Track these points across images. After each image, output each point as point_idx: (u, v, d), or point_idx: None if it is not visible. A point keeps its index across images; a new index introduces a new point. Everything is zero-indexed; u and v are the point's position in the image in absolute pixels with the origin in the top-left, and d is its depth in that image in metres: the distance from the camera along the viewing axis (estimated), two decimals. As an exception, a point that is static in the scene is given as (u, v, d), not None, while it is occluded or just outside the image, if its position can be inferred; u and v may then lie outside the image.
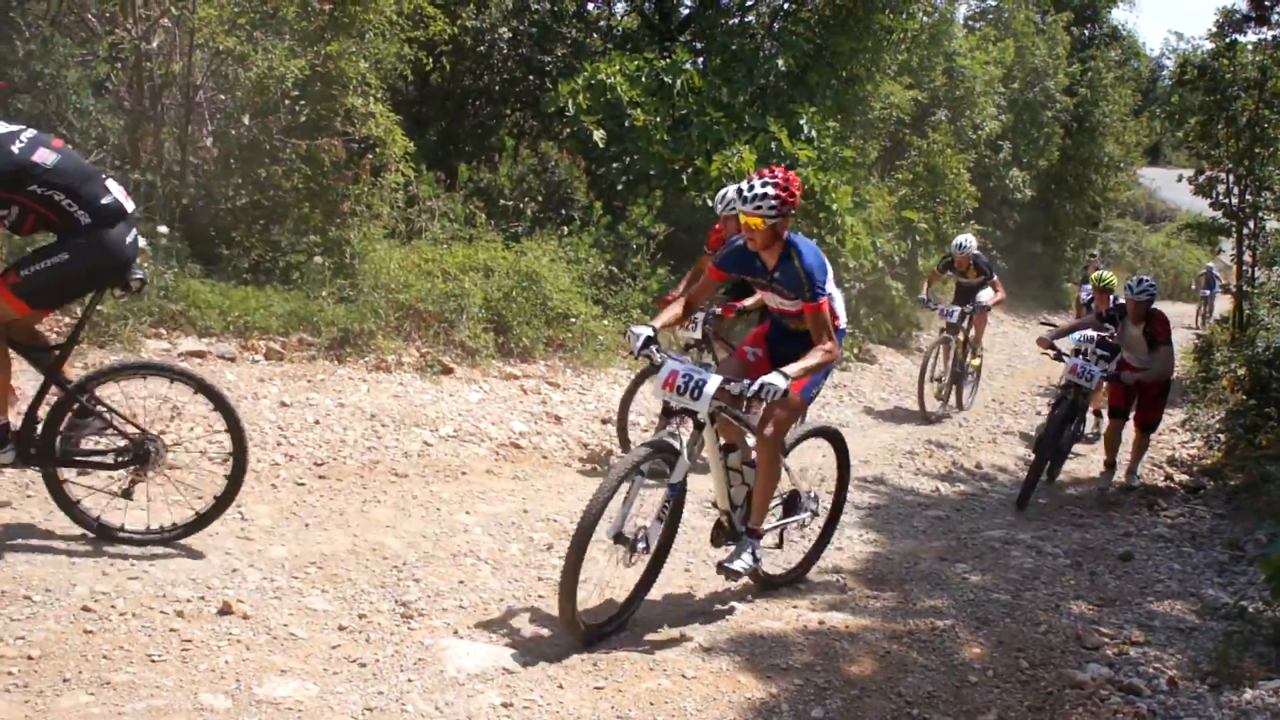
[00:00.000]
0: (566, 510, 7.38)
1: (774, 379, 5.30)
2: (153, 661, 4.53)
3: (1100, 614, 6.56)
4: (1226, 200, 16.30)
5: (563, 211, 13.06)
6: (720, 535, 6.12)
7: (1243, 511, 9.03)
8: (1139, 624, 6.37)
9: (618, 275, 12.73)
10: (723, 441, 5.94)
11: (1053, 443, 9.61)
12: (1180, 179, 18.21)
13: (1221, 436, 10.99)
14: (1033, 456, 9.83)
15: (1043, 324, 12.82)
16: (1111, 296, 11.82)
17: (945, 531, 8.29)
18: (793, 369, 5.45)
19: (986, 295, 13.18)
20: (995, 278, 13.29)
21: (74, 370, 5.85)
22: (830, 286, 5.86)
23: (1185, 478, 10.58)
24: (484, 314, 10.61)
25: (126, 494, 5.66)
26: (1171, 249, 36.41)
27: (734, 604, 6.15)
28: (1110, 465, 10.14)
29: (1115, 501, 9.71)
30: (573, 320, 11.34)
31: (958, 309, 12.94)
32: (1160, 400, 9.95)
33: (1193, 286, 30.13)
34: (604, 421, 9.72)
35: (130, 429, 5.66)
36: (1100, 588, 7.11)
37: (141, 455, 5.62)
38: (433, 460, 8.02)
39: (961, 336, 13.16)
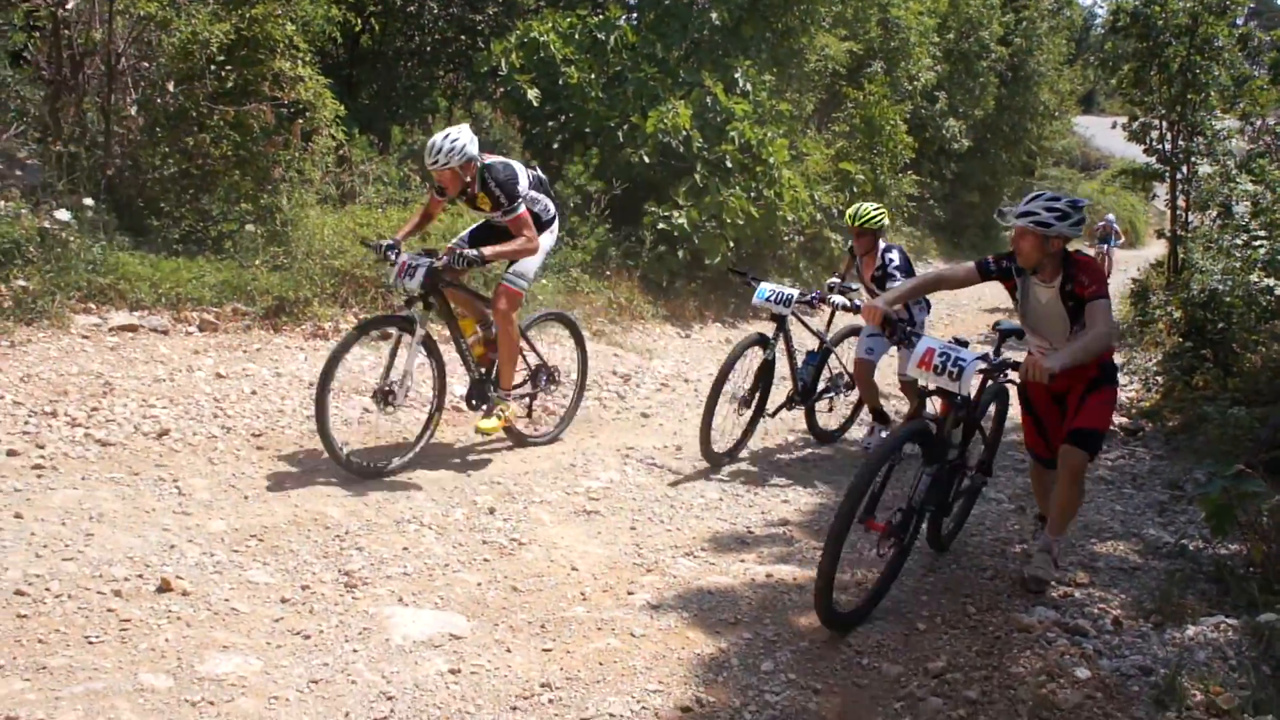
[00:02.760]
0: (510, 472, 7.32)
1: None
2: (90, 643, 4.44)
3: (1044, 558, 6.62)
4: (1160, 146, 16.46)
5: (499, 172, 12.91)
6: None
7: (1181, 452, 9.13)
8: (1083, 566, 6.43)
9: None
10: None
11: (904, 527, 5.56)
12: (1114, 126, 18.41)
13: (1159, 379, 11.10)
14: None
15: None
16: (880, 242, 8.53)
17: (893, 482, 8.30)
18: None
19: (499, 247, 7.25)
20: (521, 211, 7.24)
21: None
22: None
23: (1124, 420, 10.67)
24: (422, 278, 10.48)
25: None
26: (1106, 196, 36.76)
27: (681, 560, 6.13)
28: (1044, 519, 6.35)
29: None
30: (511, 282, 11.23)
31: (422, 266, 6.96)
32: (1105, 393, 5.82)
33: (1086, 243, 23.81)
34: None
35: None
36: (1044, 531, 7.17)
37: None
38: (373, 427, 7.92)
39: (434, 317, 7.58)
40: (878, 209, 8.52)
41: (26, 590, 4.76)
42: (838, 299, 8.30)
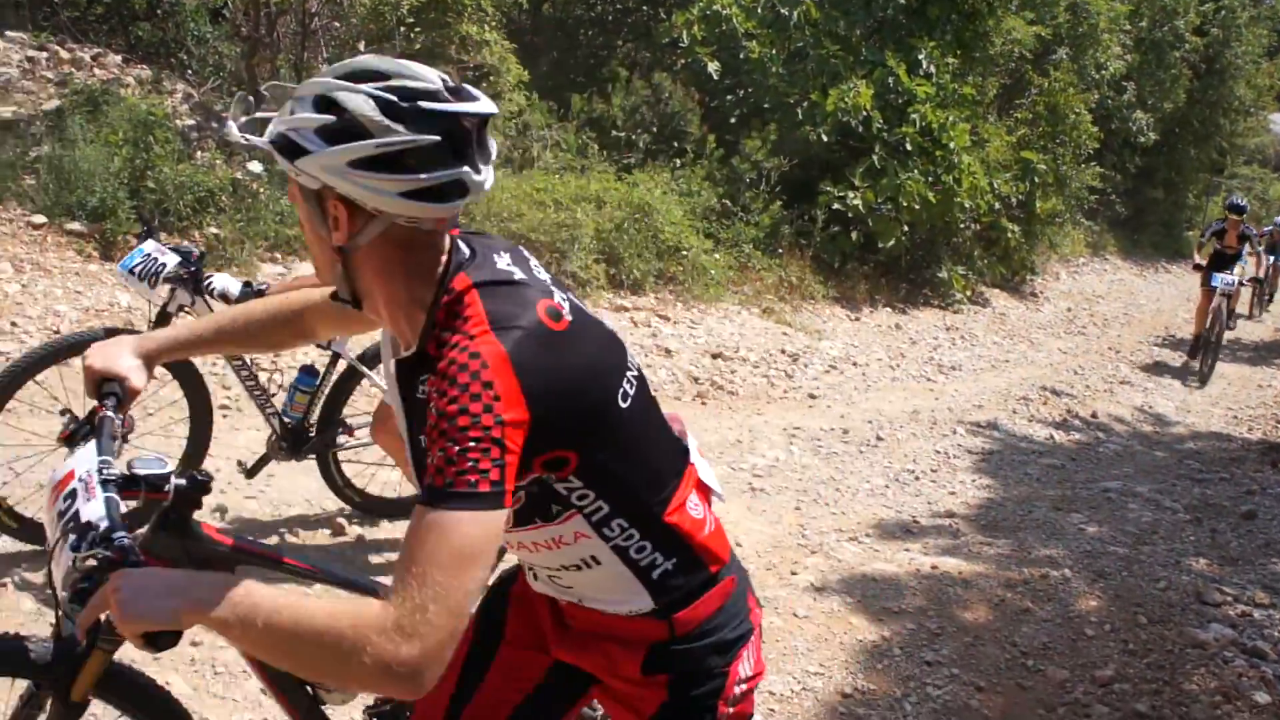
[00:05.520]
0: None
1: None
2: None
3: (1222, 573, 6.36)
4: (1366, 147, 15.64)
5: (675, 144, 12.92)
6: None
7: (1375, 470, 8.71)
8: (1263, 585, 6.16)
9: (730, 209, 12.57)
10: None
11: None
12: (1316, 124, 17.49)
13: (1351, 392, 10.59)
14: None
15: None
16: None
17: (1060, 480, 8.10)
18: None
19: None
20: None
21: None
22: None
23: (1312, 434, 10.23)
24: (595, 245, 10.55)
25: None
26: (1299, 198, 35.08)
27: (846, 544, 6.07)
28: None
29: (1237, 458, 9.38)
30: (684, 253, 11.24)
31: None
32: None
33: (1248, 251, 18.53)
34: (714, 356, 9.63)
35: None
36: (1221, 546, 6.89)
37: None
38: None
39: None
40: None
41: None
42: (220, 282, 4.56)
